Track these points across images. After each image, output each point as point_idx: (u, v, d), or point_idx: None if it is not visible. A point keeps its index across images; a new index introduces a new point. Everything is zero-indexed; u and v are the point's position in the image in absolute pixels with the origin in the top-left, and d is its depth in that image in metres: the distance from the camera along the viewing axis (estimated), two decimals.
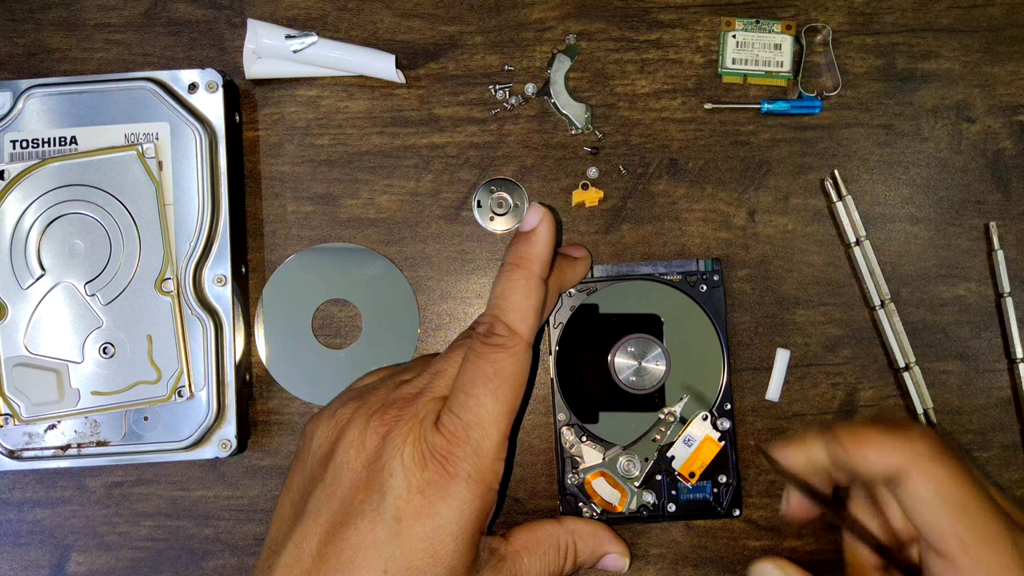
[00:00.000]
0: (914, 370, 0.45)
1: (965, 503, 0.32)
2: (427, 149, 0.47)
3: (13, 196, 0.44)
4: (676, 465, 0.44)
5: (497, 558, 0.38)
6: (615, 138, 0.47)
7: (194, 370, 0.43)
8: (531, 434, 0.46)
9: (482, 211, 0.47)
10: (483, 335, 0.38)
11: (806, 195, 0.47)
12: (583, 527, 0.42)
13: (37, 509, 0.46)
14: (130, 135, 0.44)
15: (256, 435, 0.46)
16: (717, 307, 0.45)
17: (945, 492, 0.32)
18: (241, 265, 0.46)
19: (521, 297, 0.39)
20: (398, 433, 0.36)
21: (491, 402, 0.37)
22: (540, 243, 0.40)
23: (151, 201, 0.44)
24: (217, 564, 0.46)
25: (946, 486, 0.32)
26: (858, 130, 0.47)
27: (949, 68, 0.47)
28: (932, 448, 0.33)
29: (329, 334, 0.47)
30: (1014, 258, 0.46)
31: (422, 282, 0.47)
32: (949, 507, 0.32)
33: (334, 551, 0.35)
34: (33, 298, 0.43)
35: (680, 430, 0.44)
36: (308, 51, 0.46)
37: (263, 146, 0.47)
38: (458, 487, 0.36)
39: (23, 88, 0.44)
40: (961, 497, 0.32)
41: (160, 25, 0.48)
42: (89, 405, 0.43)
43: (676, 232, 0.47)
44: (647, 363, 0.45)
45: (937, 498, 0.32)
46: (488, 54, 0.48)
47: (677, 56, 0.47)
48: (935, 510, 0.32)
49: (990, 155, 0.47)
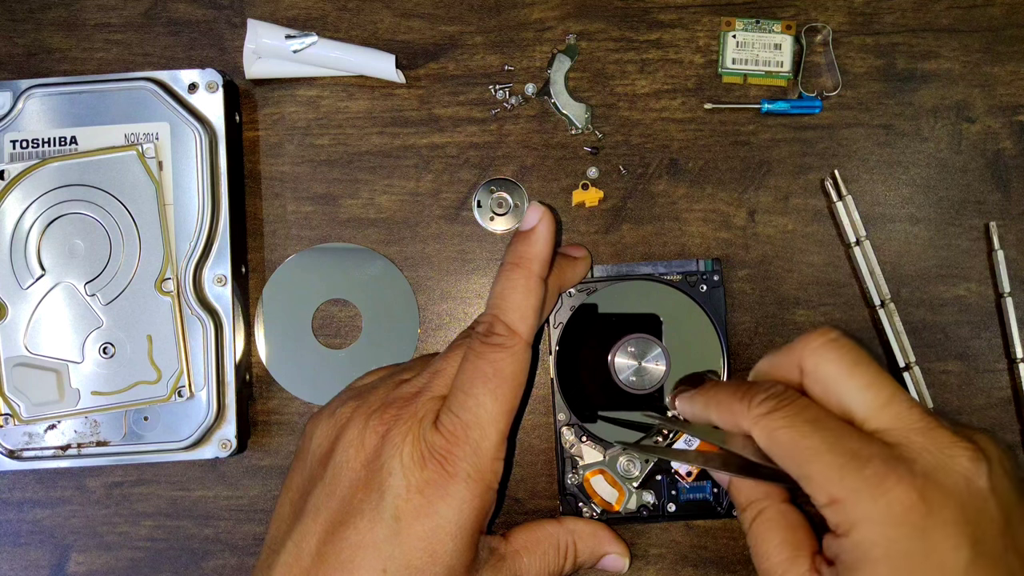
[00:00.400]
0: (914, 370, 0.45)
1: (801, 449, 0.33)
2: (427, 149, 0.47)
3: (13, 196, 0.44)
4: (676, 465, 0.44)
5: (497, 557, 0.38)
6: (615, 138, 0.47)
7: (194, 370, 0.44)
8: (531, 434, 0.46)
9: (482, 211, 0.47)
10: (482, 335, 0.38)
11: (806, 195, 0.47)
12: (583, 527, 0.42)
13: (37, 509, 0.46)
14: (130, 135, 0.44)
15: (256, 435, 0.46)
16: (717, 307, 0.45)
17: (782, 443, 0.34)
18: (241, 265, 0.46)
19: (520, 297, 0.39)
20: (397, 432, 0.36)
21: (490, 402, 0.37)
22: (540, 242, 0.40)
23: (151, 201, 0.44)
24: (217, 564, 0.46)
25: (781, 437, 0.34)
26: (858, 130, 0.47)
27: (949, 68, 0.47)
28: (768, 405, 0.35)
29: (329, 334, 0.47)
30: (1014, 258, 0.46)
31: (422, 282, 0.47)
32: (788, 456, 0.34)
33: (333, 550, 0.35)
34: (33, 298, 0.44)
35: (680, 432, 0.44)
36: (308, 51, 0.46)
37: (263, 146, 0.47)
38: (457, 486, 0.36)
39: (23, 88, 0.44)
40: (797, 444, 0.33)
41: (160, 25, 0.48)
42: (89, 405, 0.43)
43: (676, 232, 0.47)
44: (647, 363, 0.45)
45: (776, 449, 0.34)
46: (488, 54, 0.48)
47: (677, 56, 0.47)
48: (781, 460, 0.34)
49: (990, 155, 0.47)
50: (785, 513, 0.37)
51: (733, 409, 0.36)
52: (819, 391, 0.35)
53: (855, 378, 0.34)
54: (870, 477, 0.31)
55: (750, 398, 0.35)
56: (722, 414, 0.37)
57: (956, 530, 0.31)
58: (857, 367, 0.34)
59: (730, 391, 0.37)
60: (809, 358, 0.35)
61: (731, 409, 0.36)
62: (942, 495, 0.31)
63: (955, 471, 0.32)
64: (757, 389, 0.36)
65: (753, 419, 0.35)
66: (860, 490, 0.31)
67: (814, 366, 0.35)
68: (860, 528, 0.31)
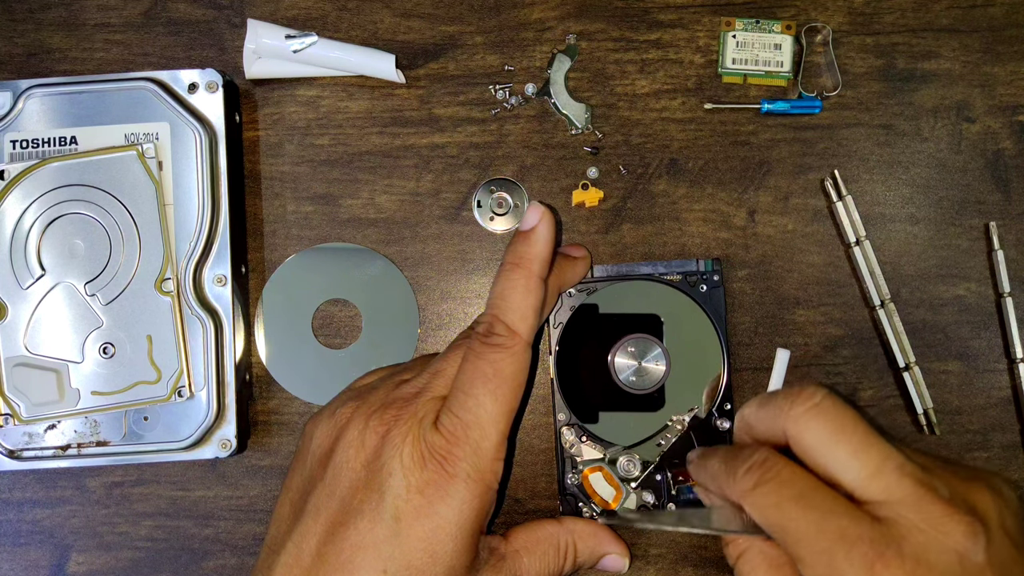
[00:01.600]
0: (914, 370, 0.45)
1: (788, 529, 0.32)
2: (427, 149, 0.47)
3: (13, 196, 0.44)
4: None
5: (497, 557, 0.38)
6: (615, 138, 0.47)
7: (194, 370, 0.44)
8: (531, 434, 0.46)
9: (482, 211, 0.47)
10: (482, 335, 0.38)
11: (806, 195, 0.47)
12: (583, 527, 0.42)
13: (37, 509, 0.46)
14: (130, 135, 0.44)
15: (256, 435, 0.46)
16: (717, 307, 0.45)
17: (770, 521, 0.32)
18: (241, 265, 0.46)
19: (520, 297, 0.39)
20: (397, 433, 0.36)
21: (490, 402, 0.37)
22: (539, 242, 0.40)
23: (151, 201, 0.44)
24: (217, 564, 0.46)
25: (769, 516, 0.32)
26: (858, 130, 0.47)
27: (949, 68, 0.47)
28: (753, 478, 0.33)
29: (329, 334, 0.47)
30: (1014, 258, 0.46)
31: (422, 282, 0.47)
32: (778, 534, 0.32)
33: (333, 551, 0.35)
34: (33, 298, 0.44)
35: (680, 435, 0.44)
36: (308, 51, 0.46)
37: (263, 146, 0.47)
38: (457, 487, 0.36)
39: (23, 88, 0.44)
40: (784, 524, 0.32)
41: (160, 25, 0.48)
42: (89, 405, 0.43)
43: (676, 232, 0.47)
44: (647, 363, 0.45)
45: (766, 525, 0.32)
46: (488, 54, 0.48)
47: (677, 56, 0.47)
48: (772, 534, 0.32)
49: (990, 155, 0.47)
50: (768, 553, 0.35)
51: (720, 482, 0.35)
52: (806, 458, 0.33)
53: (840, 446, 0.32)
54: (858, 560, 0.30)
55: (735, 470, 0.34)
56: (713, 484, 0.36)
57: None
58: (842, 434, 0.32)
59: (719, 460, 0.36)
60: (792, 426, 0.33)
61: (718, 482, 0.35)
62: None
63: (948, 548, 0.30)
64: (741, 459, 0.34)
65: (740, 493, 0.33)
66: (847, 573, 0.30)
67: (798, 434, 0.33)
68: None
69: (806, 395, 0.33)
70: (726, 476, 0.34)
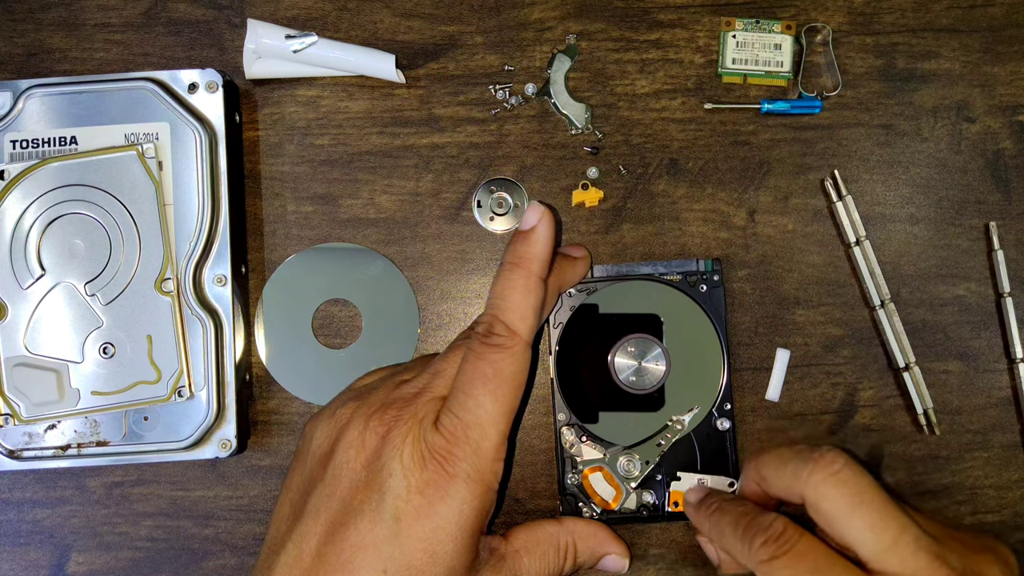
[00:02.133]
0: (914, 370, 0.45)
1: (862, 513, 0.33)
2: (427, 149, 0.47)
3: (13, 196, 0.44)
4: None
5: (497, 557, 0.38)
6: (615, 138, 0.47)
7: (194, 370, 0.44)
8: (531, 434, 0.46)
9: (482, 211, 0.47)
10: (482, 335, 0.38)
11: (806, 195, 0.47)
12: (583, 527, 0.42)
13: (37, 509, 0.46)
14: (130, 135, 0.44)
15: (256, 435, 0.46)
16: (717, 307, 0.45)
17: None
18: (241, 265, 0.46)
19: (520, 297, 0.39)
20: (397, 433, 0.36)
21: (490, 402, 0.37)
22: (539, 242, 0.39)
23: (151, 201, 0.44)
24: (217, 564, 0.46)
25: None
26: (858, 130, 0.47)
27: (949, 68, 0.47)
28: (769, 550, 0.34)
29: (329, 334, 0.47)
30: (1014, 258, 0.46)
31: (422, 282, 0.47)
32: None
33: (334, 551, 0.35)
34: (33, 298, 0.44)
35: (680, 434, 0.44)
36: (308, 51, 0.46)
37: (263, 146, 0.47)
38: (457, 487, 0.36)
39: (23, 88, 0.44)
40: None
41: (160, 25, 0.48)
42: (89, 405, 0.43)
43: (676, 232, 0.47)
44: (647, 363, 0.45)
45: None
46: (488, 54, 0.48)
47: (677, 56, 0.47)
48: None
49: (990, 155, 0.47)
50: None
51: (734, 548, 0.36)
52: (822, 524, 0.34)
53: (858, 518, 0.33)
54: None
55: (751, 537, 0.35)
56: (724, 546, 0.37)
57: None
58: (860, 506, 0.33)
59: (732, 523, 0.37)
60: (811, 492, 0.34)
61: (732, 547, 0.36)
62: None
63: None
64: (759, 526, 0.35)
65: (755, 564, 0.34)
66: None
67: (815, 501, 0.34)
68: None
69: (826, 461, 0.34)
70: (740, 543, 0.35)
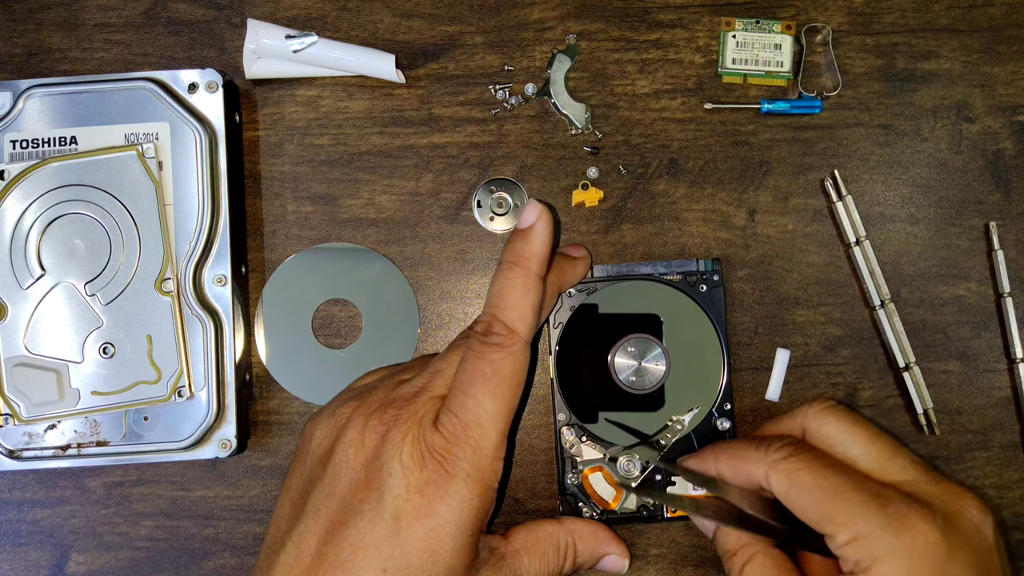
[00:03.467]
0: (914, 370, 0.45)
1: (824, 488, 0.34)
2: (427, 149, 0.47)
3: (13, 196, 0.44)
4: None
5: (497, 557, 0.38)
6: (615, 138, 0.47)
7: (194, 370, 0.44)
8: (531, 434, 0.46)
9: (482, 211, 0.47)
10: (481, 334, 0.38)
11: (806, 195, 0.47)
12: (583, 527, 0.42)
13: (37, 509, 0.46)
14: (130, 135, 0.44)
15: (256, 435, 0.46)
16: (717, 307, 0.45)
17: (803, 483, 0.35)
18: (241, 265, 0.46)
19: (519, 296, 0.39)
20: (397, 432, 0.36)
21: (489, 402, 0.36)
22: (537, 241, 0.39)
23: (151, 201, 0.44)
24: (217, 564, 0.46)
25: (802, 478, 0.35)
26: (858, 130, 0.47)
27: (949, 68, 0.47)
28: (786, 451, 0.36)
29: (329, 334, 0.47)
30: (1014, 258, 0.46)
31: (422, 282, 0.47)
32: (809, 496, 0.35)
33: (333, 550, 0.35)
34: (33, 298, 0.44)
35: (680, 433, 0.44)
36: (308, 51, 0.46)
37: (263, 146, 0.47)
38: (457, 486, 0.36)
39: (23, 88, 0.44)
40: (819, 484, 0.35)
41: (160, 25, 0.48)
42: (89, 405, 0.43)
43: (676, 232, 0.47)
44: (647, 363, 0.45)
45: (796, 490, 0.35)
46: (488, 54, 0.48)
47: (677, 56, 0.47)
48: (800, 501, 0.35)
49: (990, 155, 0.47)
50: (776, 557, 0.37)
51: (748, 456, 0.37)
52: (823, 447, 0.37)
53: (857, 435, 0.37)
54: (893, 514, 0.33)
55: (767, 446, 0.37)
56: (733, 462, 0.38)
57: (972, 573, 0.32)
58: (857, 426, 0.37)
59: (744, 442, 0.39)
60: (812, 421, 0.38)
61: (745, 457, 0.38)
62: (960, 539, 0.33)
63: (967, 519, 0.34)
64: (773, 439, 0.37)
65: (771, 463, 0.36)
66: (884, 526, 0.32)
67: (817, 427, 0.38)
68: (883, 563, 0.32)
69: (820, 400, 0.39)
70: (756, 451, 0.37)
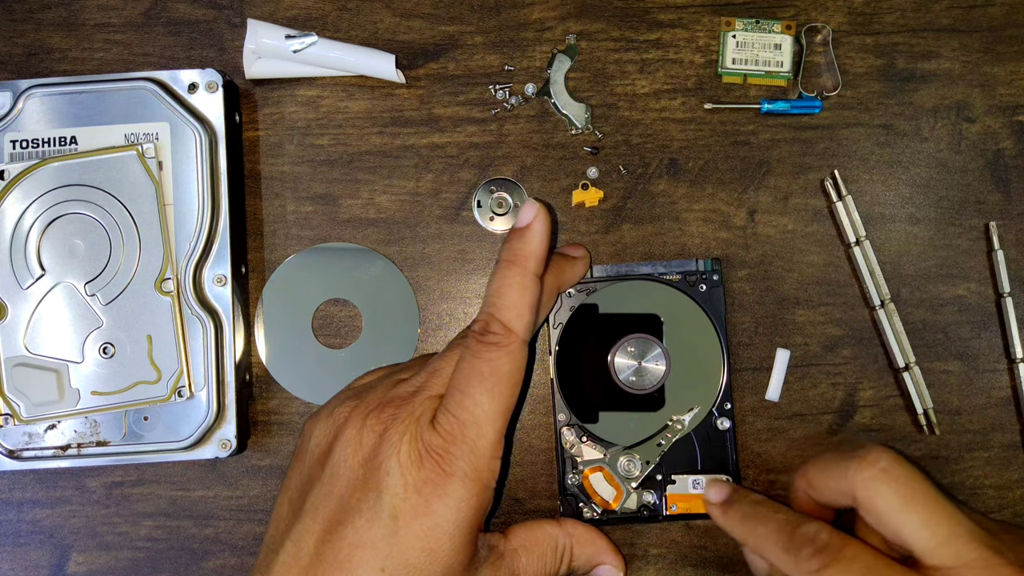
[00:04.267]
0: (914, 370, 0.45)
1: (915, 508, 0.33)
2: (427, 149, 0.47)
3: (13, 196, 0.44)
4: None
5: (496, 555, 0.38)
6: (615, 138, 0.47)
7: (194, 370, 0.44)
8: (531, 434, 0.46)
9: (482, 211, 0.47)
10: (478, 333, 0.38)
11: (806, 195, 0.47)
12: (582, 533, 0.42)
13: (37, 509, 0.46)
14: (130, 135, 0.44)
15: (256, 435, 0.46)
16: (717, 307, 0.45)
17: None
18: (241, 265, 0.46)
19: (516, 295, 0.39)
20: (395, 431, 0.36)
21: (487, 401, 0.36)
22: (535, 240, 0.39)
23: (151, 201, 0.44)
24: (217, 564, 0.46)
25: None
26: (858, 130, 0.47)
27: (949, 68, 0.47)
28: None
29: (329, 334, 0.47)
30: (1014, 258, 0.46)
31: (422, 282, 0.47)
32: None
33: (332, 549, 0.35)
34: (33, 298, 0.44)
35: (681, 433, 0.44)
36: (308, 51, 0.46)
37: (263, 146, 0.47)
38: (454, 486, 0.36)
39: (23, 88, 0.45)
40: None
41: (160, 25, 0.48)
42: (89, 405, 0.43)
43: (676, 232, 0.47)
44: (647, 363, 0.45)
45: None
46: (488, 54, 0.48)
47: (677, 56, 0.47)
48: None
49: (990, 155, 0.47)
50: None
51: (779, 558, 0.36)
52: (873, 521, 0.35)
53: (911, 514, 0.34)
54: None
55: (796, 549, 0.35)
56: (767, 555, 0.37)
57: None
58: (912, 501, 0.34)
59: (775, 530, 0.37)
60: (862, 491, 0.35)
61: (777, 556, 0.36)
62: None
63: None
64: (803, 537, 0.35)
65: (805, 574, 0.34)
66: None
67: (868, 500, 0.35)
68: None
69: (872, 458, 0.35)
70: (786, 555, 0.35)
